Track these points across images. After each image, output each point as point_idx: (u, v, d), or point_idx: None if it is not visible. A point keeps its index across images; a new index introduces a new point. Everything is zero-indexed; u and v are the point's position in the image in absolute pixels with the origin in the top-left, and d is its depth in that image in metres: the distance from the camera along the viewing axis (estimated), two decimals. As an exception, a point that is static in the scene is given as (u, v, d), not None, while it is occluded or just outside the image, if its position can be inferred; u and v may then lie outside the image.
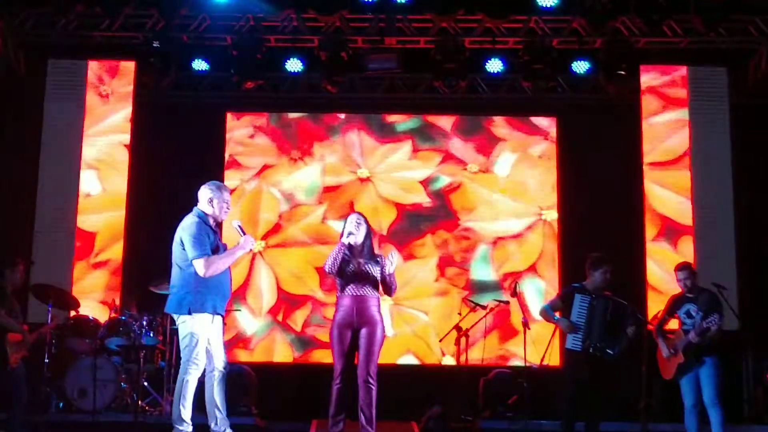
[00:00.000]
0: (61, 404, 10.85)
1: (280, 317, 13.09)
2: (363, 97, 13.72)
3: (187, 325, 7.60)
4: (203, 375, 7.68)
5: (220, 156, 13.45)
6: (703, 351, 8.88)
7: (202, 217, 7.83)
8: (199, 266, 7.49)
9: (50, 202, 12.76)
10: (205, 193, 7.93)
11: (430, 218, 13.39)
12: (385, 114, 13.78)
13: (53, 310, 10.71)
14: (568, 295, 9.32)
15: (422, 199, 13.47)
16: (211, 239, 7.70)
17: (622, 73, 12.79)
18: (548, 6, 12.19)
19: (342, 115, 13.69)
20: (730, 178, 12.80)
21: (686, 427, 9.04)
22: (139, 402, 10.71)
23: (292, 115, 13.74)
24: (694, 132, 12.97)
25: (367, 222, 8.56)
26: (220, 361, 7.70)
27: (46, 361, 10.69)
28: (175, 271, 7.74)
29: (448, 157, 13.53)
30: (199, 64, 13.00)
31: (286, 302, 13.16)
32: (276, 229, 13.40)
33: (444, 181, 13.46)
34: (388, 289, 8.45)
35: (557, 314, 9.23)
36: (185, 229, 7.75)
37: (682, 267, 9.27)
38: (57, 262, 12.45)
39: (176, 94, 13.49)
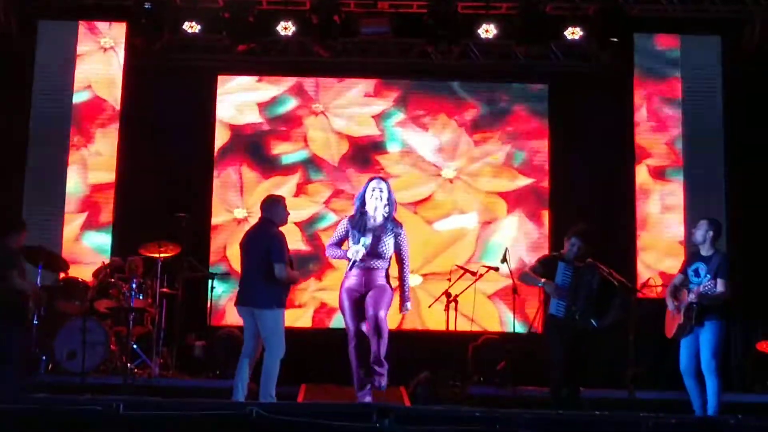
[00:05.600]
0: (50, 366, 10.86)
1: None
2: (354, 61, 13.65)
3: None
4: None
5: (210, 119, 13.40)
6: (704, 313, 8.60)
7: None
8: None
9: (40, 163, 12.73)
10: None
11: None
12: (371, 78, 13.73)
13: (43, 272, 10.71)
14: (549, 262, 9.32)
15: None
16: None
17: (615, 40, 12.77)
18: (542, -28, 12.14)
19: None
20: (722, 148, 12.80)
21: (687, 390, 8.83)
22: (128, 364, 10.74)
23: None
24: (687, 100, 12.95)
25: (389, 188, 8.46)
26: None
27: (36, 323, 10.69)
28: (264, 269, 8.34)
29: (337, 192, 13.35)
30: (191, 27, 12.91)
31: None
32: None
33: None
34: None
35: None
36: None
37: (705, 221, 8.94)
38: (47, 223, 12.43)
39: (167, 57, 13.39)
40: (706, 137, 12.85)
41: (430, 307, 11.52)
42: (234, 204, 13.32)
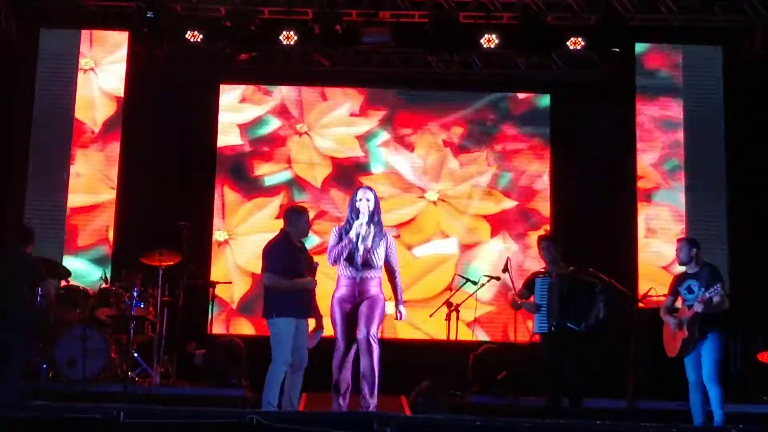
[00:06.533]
0: (50, 373, 10.85)
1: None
2: (356, 70, 13.67)
3: None
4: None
5: (213, 128, 13.41)
6: (707, 325, 8.74)
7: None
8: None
9: (42, 176, 12.74)
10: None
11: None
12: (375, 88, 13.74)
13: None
14: (529, 282, 9.46)
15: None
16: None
17: (617, 50, 12.79)
18: (544, -18, 12.15)
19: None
20: (723, 156, 12.80)
21: (691, 404, 8.92)
22: (129, 373, 10.74)
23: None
24: (688, 110, 12.95)
25: (375, 196, 8.59)
26: None
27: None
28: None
29: (320, 214, 13.26)
30: (193, 35, 12.92)
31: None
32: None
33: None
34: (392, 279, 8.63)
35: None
36: None
37: (684, 242, 9.17)
38: (48, 232, 12.40)
39: (169, 65, 13.40)
40: (708, 145, 12.84)
41: (431, 316, 11.52)
42: (215, 226, 13.28)
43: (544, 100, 13.71)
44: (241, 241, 13.26)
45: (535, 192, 13.45)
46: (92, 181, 12.88)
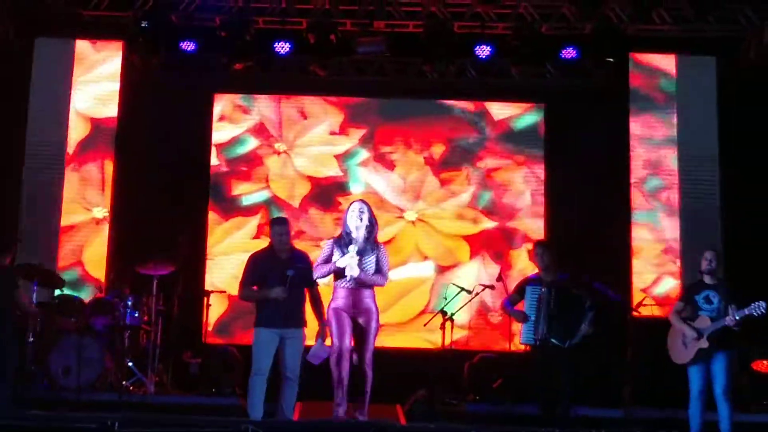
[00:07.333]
0: (45, 382, 10.83)
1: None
2: (351, 80, 13.67)
3: None
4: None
5: (207, 138, 13.41)
6: (730, 339, 8.75)
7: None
8: None
9: (36, 185, 12.70)
10: None
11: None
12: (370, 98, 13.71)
13: (39, 289, 10.72)
14: (521, 287, 9.45)
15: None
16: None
17: (611, 60, 12.82)
18: (538, -9, 12.16)
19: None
20: (717, 166, 12.80)
21: (690, 413, 8.88)
22: (124, 382, 10.73)
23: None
24: (682, 120, 12.97)
25: (370, 210, 8.67)
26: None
27: (31, 339, 10.68)
28: None
29: (298, 234, 12.91)
30: (188, 45, 12.91)
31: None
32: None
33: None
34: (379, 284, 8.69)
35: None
36: None
37: (713, 252, 9.12)
38: (43, 240, 12.41)
39: (164, 75, 13.38)
40: (702, 155, 12.85)
41: (425, 325, 11.50)
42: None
43: (529, 118, 13.58)
44: (218, 261, 13.11)
45: (518, 210, 13.36)
46: (66, 202, 12.75)
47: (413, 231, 13.30)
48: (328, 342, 8.66)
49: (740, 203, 12.61)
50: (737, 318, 8.58)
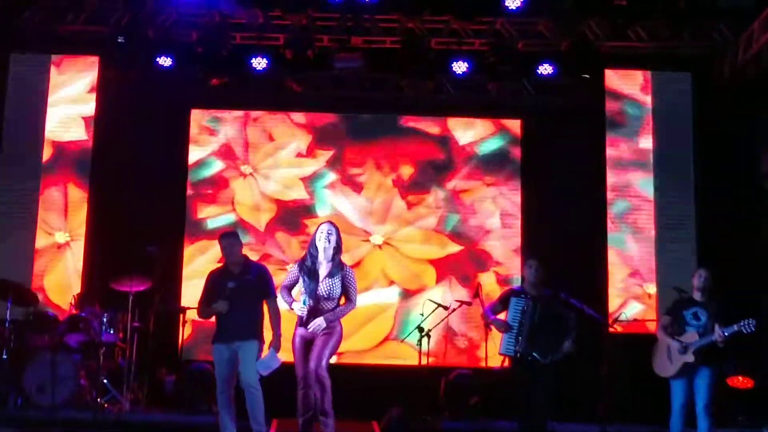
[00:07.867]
0: (19, 400, 10.76)
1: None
2: (328, 95, 13.68)
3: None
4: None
5: (184, 153, 13.37)
6: (713, 356, 8.77)
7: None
8: None
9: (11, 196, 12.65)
10: None
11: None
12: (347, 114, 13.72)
13: (12, 307, 10.65)
14: (505, 297, 9.40)
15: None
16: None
17: (587, 76, 12.88)
18: (514, 8, 12.14)
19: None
20: (692, 183, 12.85)
21: (671, 427, 8.90)
22: (99, 399, 10.66)
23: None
24: (658, 136, 13.02)
25: (338, 232, 8.62)
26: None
27: (5, 357, 10.60)
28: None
29: (265, 257, 13.01)
30: (164, 60, 12.88)
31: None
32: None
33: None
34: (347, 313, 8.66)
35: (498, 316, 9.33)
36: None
37: (706, 270, 9.12)
38: (17, 257, 12.33)
39: (141, 90, 13.33)
40: (677, 172, 12.89)
41: (402, 341, 11.51)
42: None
43: (495, 141, 13.62)
44: (182, 285, 13.04)
45: (487, 232, 13.37)
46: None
47: (379, 255, 13.27)
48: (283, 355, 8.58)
49: (714, 224, 12.67)
50: (726, 334, 8.60)
